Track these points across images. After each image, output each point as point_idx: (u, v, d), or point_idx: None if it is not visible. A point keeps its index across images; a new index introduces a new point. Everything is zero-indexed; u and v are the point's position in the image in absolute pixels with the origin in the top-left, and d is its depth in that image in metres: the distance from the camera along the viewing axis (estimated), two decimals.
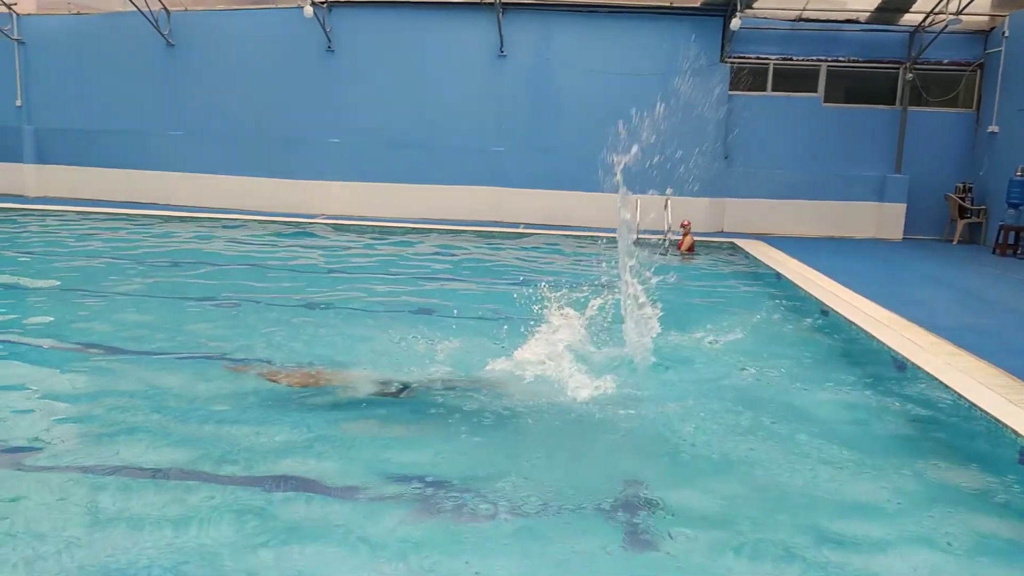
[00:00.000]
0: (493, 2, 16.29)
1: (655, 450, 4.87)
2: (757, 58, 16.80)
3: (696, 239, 13.88)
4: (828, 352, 7.36)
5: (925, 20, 15.97)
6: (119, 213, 16.10)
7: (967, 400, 5.33)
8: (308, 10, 15.94)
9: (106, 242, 13.17)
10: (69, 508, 3.84)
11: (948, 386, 5.65)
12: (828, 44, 16.68)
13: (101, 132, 18.61)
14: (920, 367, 6.15)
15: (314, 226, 15.53)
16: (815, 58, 16.74)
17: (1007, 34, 15.68)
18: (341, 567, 3.45)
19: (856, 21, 16.58)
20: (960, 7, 14.71)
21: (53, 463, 4.37)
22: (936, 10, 15.43)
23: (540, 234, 15.40)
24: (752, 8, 16.05)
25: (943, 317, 8.48)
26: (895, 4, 15.97)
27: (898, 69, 16.69)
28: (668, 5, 16.55)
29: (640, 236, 13.30)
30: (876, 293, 9.30)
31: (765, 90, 16.92)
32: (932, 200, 16.66)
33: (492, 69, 17.20)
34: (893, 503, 4.21)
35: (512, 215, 17.16)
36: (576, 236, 14.76)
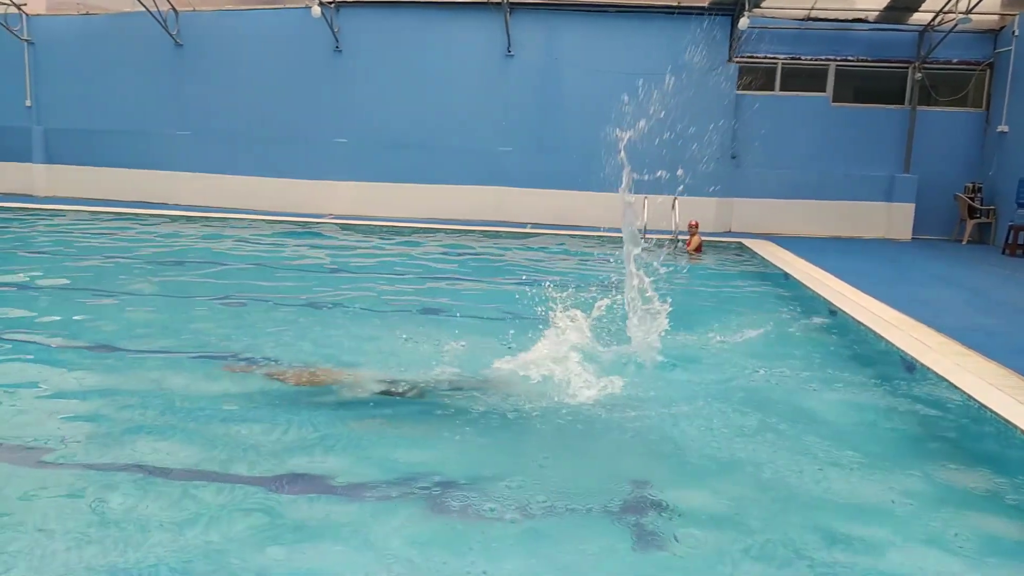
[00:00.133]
0: (501, 2, 16.29)
1: (663, 450, 4.86)
2: (765, 58, 16.76)
3: (704, 239, 13.85)
4: (836, 352, 7.32)
5: (934, 19, 15.90)
6: (127, 213, 16.16)
7: (976, 401, 5.30)
8: (316, 10, 15.97)
9: (114, 241, 13.21)
10: (77, 506, 3.85)
11: (957, 387, 5.62)
12: (837, 43, 16.62)
13: (109, 132, 18.68)
14: (929, 367, 6.12)
15: (321, 226, 15.55)
16: (824, 57, 16.69)
17: (1016, 33, 15.60)
18: (348, 566, 3.45)
19: (865, 20, 16.52)
20: (970, 6, 14.64)
21: (61, 461, 4.38)
22: (945, 9, 15.37)
23: (547, 234, 15.39)
24: (760, 7, 16.01)
25: (952, 317, 8.44)
26: (904, 3, 15.91)
27: (907, 68, 16.62)
28: (676, 5, 16.52)
29: (647, 236, 13.31)
30: (884, 293, 9.27)
31: (773, 90, 16.88)
32: (941, 200, 16.59)
33: (499, 69, 17.21)
34: (902, 504, 4.19)
35: (519, 215, 17.15)
36: (583, 236, 14.74)
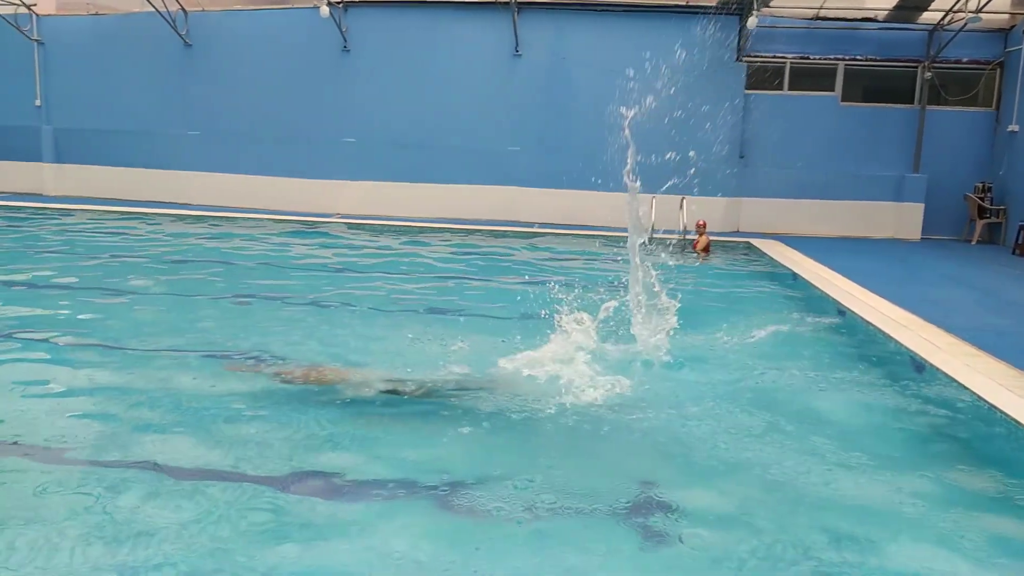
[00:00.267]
0: (508, 1, 16.29)
1: (670, 451, 4.84)
2: (774, 57, 16.70)
3: (712, 239, 13.81)
4: (845, 353, 7.29)
5: (944, 18, 15.82)
6: (136, 212, 16.22)
7: (986, 401, 5.27)
8: (324, 10, 15.99)
9: (123, 240, 13.26)
10: (86, 503, 3.86)
11: (967, 387, 5.59)
12: (846, 43, 16.56)
13: (119, 132, 18.76)
14: (938, 368, 6.09)
15: (329, 225, 15.57)
16: (832, 57, 16.63)
17: None
18: (355, 565, 3.45)
19: (874, 20, 16.46)
20: (979, 5, 14.57)
21: (70, 459, 4.40)
22: (955, 8, 15.29)
23: (554, 234, 15.38)
24: (769, 7, 15.96)
25: (961, 318, 8.40)
26: (913, 2, 15.84)
27: (916, 68, 16.54)
28: (684, 4, 16.49)
29: (655, 236, 13.29)
30: (894, 293, 9.23)
31: (782, 89, 16.83)
32: (951, 200, 16.51)
33: (507, 69, 17.20)
34: (911, 505, 4.17)
35: (526, 215, 17.14)
36: (591, 236, 14.72)
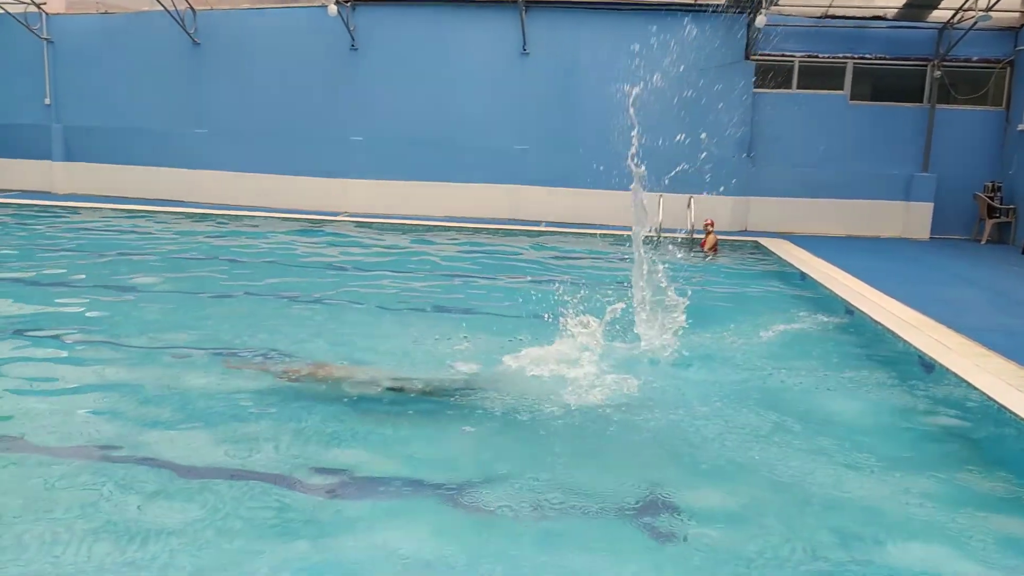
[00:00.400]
0: (516, 0, 16.27)
1: (678, 451, 4.83)
2: (782, 55, 16.64)
3: (719, 238, 13.78)
4: (854, 352, 7.27)
5: (954, 17, 15.73)
6: (145, 210, 16.27)
7: (995, 402, 5.25)
8: (332, 8, 16.00)
9: (132, 238, 13.30)
10: (93, 501, 3.88)
11: (976, 387, 5.56)
12: (854, 41, 16.49)
13: (128, 130, 18.81)
14: (948, 368, 6.06)
15: (336, 223, 15.60)
16: (841, 55, 16.55)
17: None
18: (361, 564, 3.46)
19: (883, 18, 16.38)
20: (989, 4, 14.48)
21: (77, 456, 4.42)
22: (965, 6, 15.20)
23: (562, 232, 15.36)
24: (777, 5, 15.90)
25: (971, 317, 8.36)
26: (923, 1, 15.75)
27: (926, 66, 16.46)
28: (693, 2, 16.44)
29: (663, 234, 13.26)
30: (903, 293, 9.19)
31: (790, 88, 16.77)
32: (960, 199, 16.42)
33: (515, 67, 17.18)
34: (920, 506, 4.15)
35: (534, 213, 17.13)
36: (598, 235, 14.70)
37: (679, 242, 13.36)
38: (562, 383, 5.69)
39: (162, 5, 17.09)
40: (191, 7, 17.74)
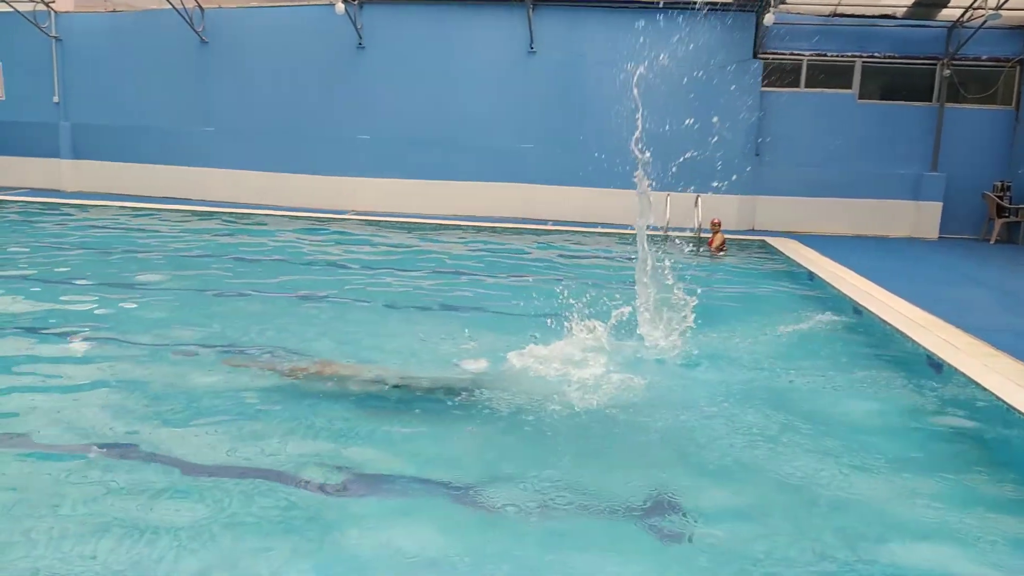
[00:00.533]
0: None
1: (685, 450, 4.82)
2: (791, 54, 16.59)
3: (727, 237, 13.74)
4: (862, 352, 7.24)
5: (963, 15, 15.65)
6: (152, 208, 16.32)
7: (1004, 402, 5.22)
8: (340, 7, 16.01)
9: (139, 236, 13.33)
10: (101, 498, 3.88)
11: (985, 388, 5.53)
12: (863, 40, 16.43)
13: (135, 128, 18.87)
14: (956, 368, 6.03)
15: (343, 222, 15.61)
16: (850, 54, 16.49)
17: None
18: (367, 562, 3.45)
19: (892, 16, 16.30)
20: (999, 2, 14.40)
21: (85, 453, 4.43)
22: (975, 5, 15.12)
23: (568, 231, 15.34)
24: (786, 3, 15.85)
25: (980, 317, 8.32)
26: None
27: (935, 65, 16.39)
28: (700, 0, 16.39)
29: (669, 233, 13.23)
30: (911, 293, 9.15)
31: (798, 86, 16.71)
32: (969, 199, 16.34)
33: (522, 66, 17.17)
34: (927, 506, 4.13)
35: (541, 212, 17.12)
36: (605, 234, 14.68)
37: (687, 241, 13.34)
38: (568, 382, 5.68)
39: (170, 3, 17.13)
40: (199, 5, 17.78)
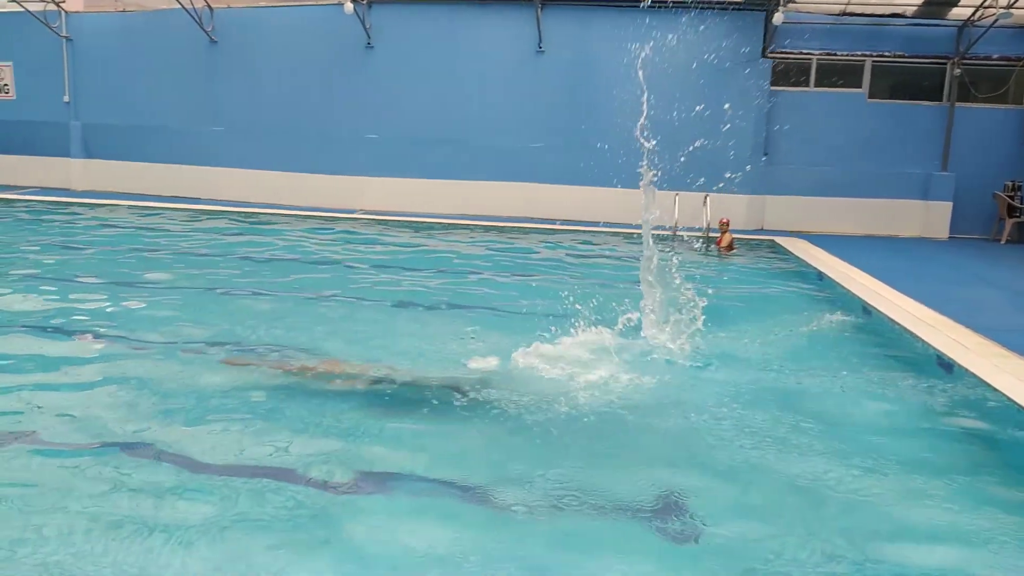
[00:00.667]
0: None
1: (694, 451, 4.81)
2: (800, 53, 16.53)
3: (735, 236, 13.71)
4: (872, 352, 7.21)
5: (974, 14, 15.57)
6: (162, 207, 16.38)
7: (1015, 403, 5.20)
8: (348, 6, 16.04)
9: (149, 235, 13.39)
10: (110, 496, 3.90)
11: (996, 388, 5.51)
12: (873, 39, 16.36)
13: (146, 127, 18.94)
14: (966, 368, 6.01)
15: (352, 221, 15.64)
16: (859, 53, 16.42)
17: None
18: (374, 560, 3.46)
19: (902, 15, 16.22)
20: (1010, 1, 14.33)
21: (94, 451, 4.44)
22: (985, 4, 15.04)
23: (577, 230, 15.33)
24: (795, 2, 15.80)
25: (990, 317, 8.28)
26: None
27: (945, 64, 16.31)
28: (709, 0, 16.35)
29: (678, 232, 13.20)
30: (921, 293, 9.11)
31: (808, 86, 16.66)
32: (979, 198, 16.26)
33: (530, 65, 17.16)
34: (937, 507, 4.11)
35: (549, 211, 17.11)
36: (613, 233, 14.67)
37: (695, 239, 13.32)
38: (576, 382, 5.68)
39: (180, 3, 17.18)
40: (208, 5, 17.83)
